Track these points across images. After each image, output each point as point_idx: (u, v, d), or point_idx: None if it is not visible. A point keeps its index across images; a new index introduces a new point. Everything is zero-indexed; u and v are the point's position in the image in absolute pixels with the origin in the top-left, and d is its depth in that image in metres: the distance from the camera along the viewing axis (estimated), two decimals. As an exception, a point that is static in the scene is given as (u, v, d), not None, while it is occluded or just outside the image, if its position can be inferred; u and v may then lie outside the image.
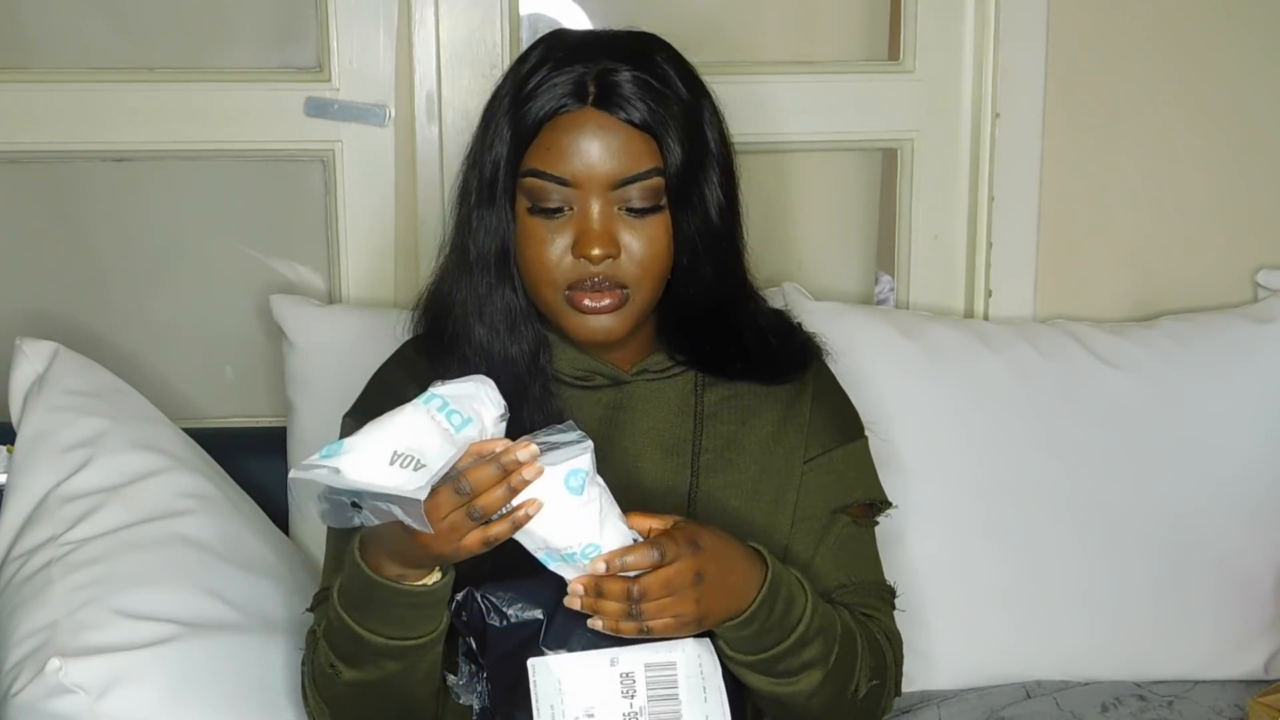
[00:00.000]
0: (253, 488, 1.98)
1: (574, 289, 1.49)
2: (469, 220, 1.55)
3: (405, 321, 1.64)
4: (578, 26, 2.27)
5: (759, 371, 1.61)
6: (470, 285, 1.55)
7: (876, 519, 1.66)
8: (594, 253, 1.47)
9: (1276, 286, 2.24)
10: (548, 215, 1.49)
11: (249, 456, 2.06)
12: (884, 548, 1.67)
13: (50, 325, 2.19)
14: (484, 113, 1.55)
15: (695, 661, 1.43)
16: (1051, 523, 2.05)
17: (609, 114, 1.47)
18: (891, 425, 1.91)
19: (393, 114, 2.20)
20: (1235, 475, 2.08)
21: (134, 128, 2.18)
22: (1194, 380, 2.10)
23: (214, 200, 2.28)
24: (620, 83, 1.47)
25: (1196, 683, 2.05)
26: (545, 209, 1.49)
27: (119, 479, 1.77)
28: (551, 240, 1.49)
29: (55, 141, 2.20)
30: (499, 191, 1.51)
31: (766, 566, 1.44)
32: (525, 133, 1.49)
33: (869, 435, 1.68)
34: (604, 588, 1.35)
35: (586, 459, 1.33)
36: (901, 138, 2.30)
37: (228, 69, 2.23)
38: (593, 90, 1.47)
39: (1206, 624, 2.06)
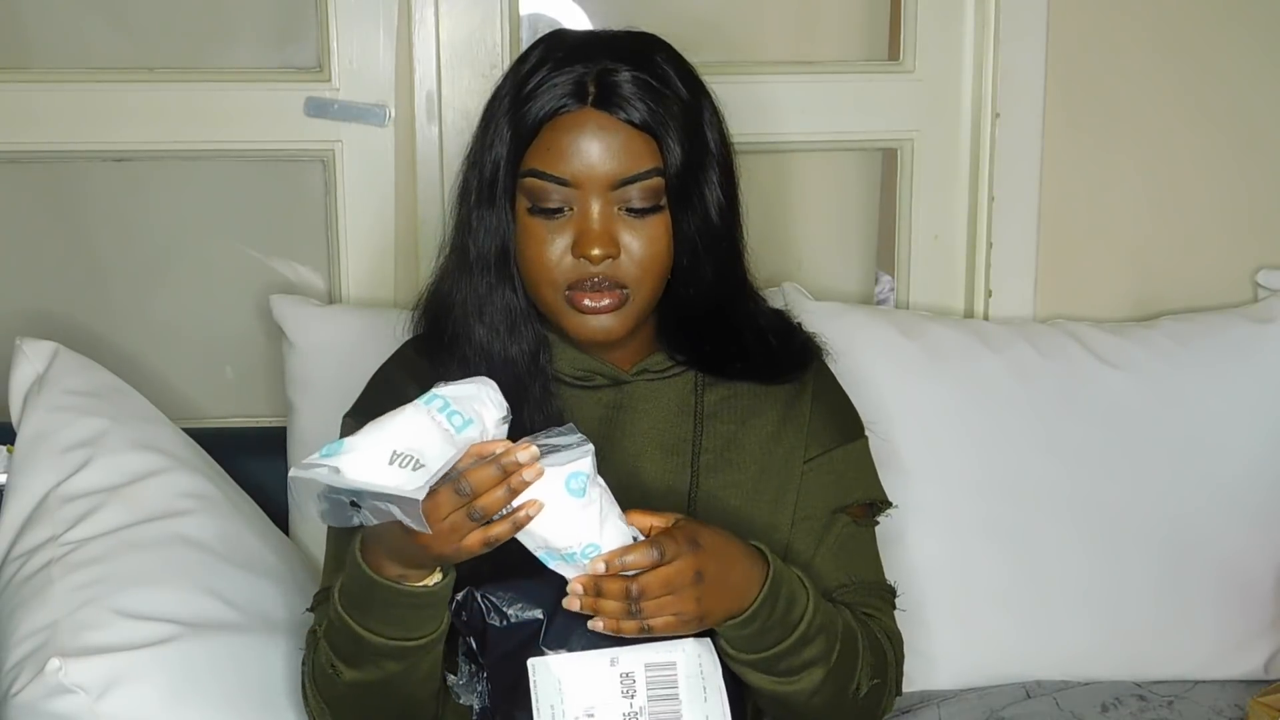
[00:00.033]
0: (253, 488, 1.98)
1: (574, 289, 1.49)
2: (469, 220, 1.55)
3: (405, 321, 1.64)
4: (578, 26, 2.26)
5: (759, 371, 1.61)
6: (470, 285, 1.55)
7: (877, 519, 1.66)
8: (594, 253, 1.47)
9: (1276, 286, 2.24)
10: (548, 215, 1.49)
11: (249, 456, 2.06)
12: (884, 548, 1.67)
13: (50, 325, 2.19)
14: (484, 113, 1.55)
15: (695, 661, 1.43)
16: (1051, 523, 2.05)
17: (609, 114, 1.47)
18: (891, 425, 1.91)
19: (393, 114, 2.20)
20: (1235, 475, 2.08)
21: (134, 128, 2.18)
22: (1194, 380, 2.10)
23: (214, 200, 2.28)
24: (620, 83, 1.47)
25: (1196, 683, 2.05)
26: (545, 209, 1.49)
27: (119, 479, 1.77)
28: (551, 240, 1.49)
29: (55, 141, 2.20)
30: (499, 191, 1.51)
31: (768, 565, 1.44)
32: (525, 133, 1.49)
33: (869, 435, 1.68)
34: (603, 587, 1.35)
35: (587, 462, 1.33)
36: (901, 138, 2.30)
37: (228, 69, 2.23)
38: (593, 90, 1.47)
39: (1206, 624, 2.06)
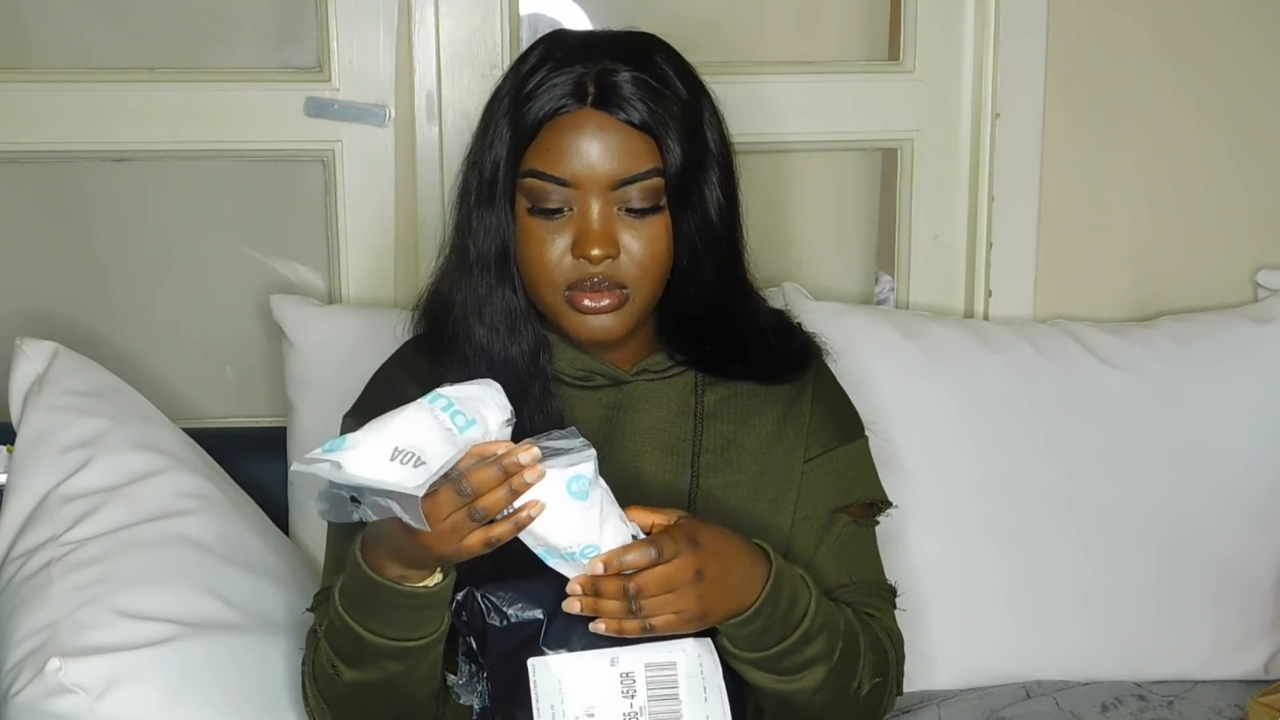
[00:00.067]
0: (253, 488, 1.98)
1: (574, 289, 1.49)
2: (469, 220, 1.54)
3: (405, 322, 1.64)
4: (578, 26, 2.26)
5: (759, 371, 1.61)
6: (470, 286, 1.55)
7: (877, 519, 1.66)
8: (594, 253, 1.47)
9: (1276, 286, 2.24)
10: (547, 216, 1.49)
11: (249, 456, 2.06)
12: (884, 548, 1.67)
13: (50, 325, 2.19)
14: (484, 113, 1.55)
15: (695, 661, 1.43)
16: (1051, 523, 2.05)
17: (608, 114, 1.47)
18: (891, 425, 1.91)
19: (393, 114, 2.20)
20: (1235, 475, 2.08)
21: (134, 128, 2.18)
22: (1194, 380, 2.10)
23: (214, 200, 2.28)
24: (620, 83, 1.47)
25: (1196, 683, 2.05)
26: (545, 209, 1.49)
27: (119, 479, 1.77)
28: (551, 241, 1.49)
29: (55, 141, 2.20)
30: (499, 192, 1.51)
31: (770, 563, 1.44)
32: (525, 133, 1.49)
33: (869, 435, 1.68)
34: (601, 587, 1.34)
35: (589, 466, 1.33)
36: (901, 138, 2.30)
37: (228, 69, 2.23)
38: (592, 90, 1.47)
39: (1206, 624, 2.06)
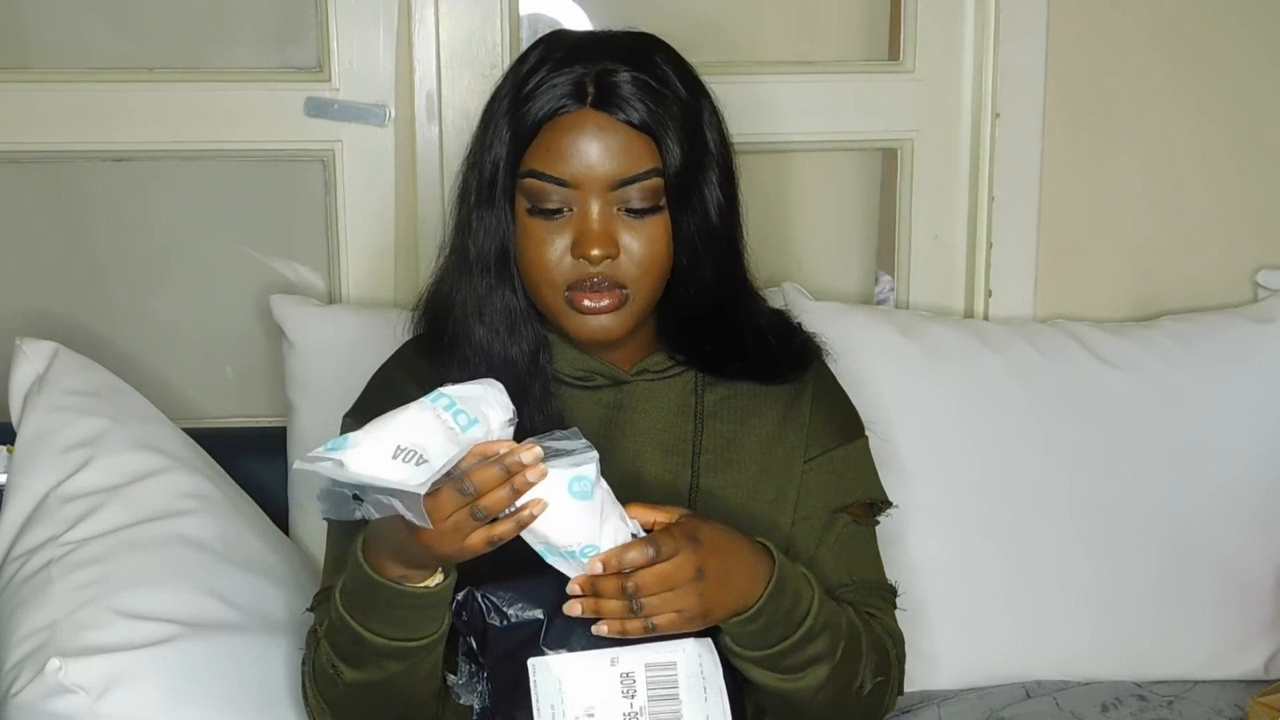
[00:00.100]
0: (253, 488, 1.98)
1: (574, 289, 1.49)
2: (469, 221, 1.55)
3: (405, 322, 1.64)
4: (578, 26, 2.26)
5: (759, 371, 1.61)
6: (470, 286, 1.55)
7: (877, 519, 1.66)
8: (593, 253, 1.47)
9: (1276, 286, 2.24)
10: (547, 216, 1.49)
11: (249, 456, 2.06)
12: (884, 547, 1.67)
13: (50, 325, 2.19)
14: (483, 113, 1.55)
15: (696, 661, 1.43)
16: (1051, 523, 2.05)
17: (608, 115, 1.47)
18: (891, 425, 1.91)
19: (393, 114, 2.20)
20: (1235, 475, 2.08)
21: (134, 128, 2.18)
22: (1194, 380, 2.10)
23: (214, 200, 2.28)
24: (619, 83, 1.47)
25: (1196, 683, 2.05)
26: (545, 210, 1.49)
27: (119, 479, 1.77)
28: (551, 241, 1.49)
29: (55, 141, 2.19)
30: (498, 192, 1.51)
31: (772, 561, 1.44)
32: (524, 133, 1.49)
33: (869, 435, 1.68)
34: (600, 586, 1.34)
35: (591, 468, 1.33)
36: (901, 138, 2.30)
37: (228, 69, 2.23)
38: (592, 91, 1.47)
39: (1206, 624, 2.06)
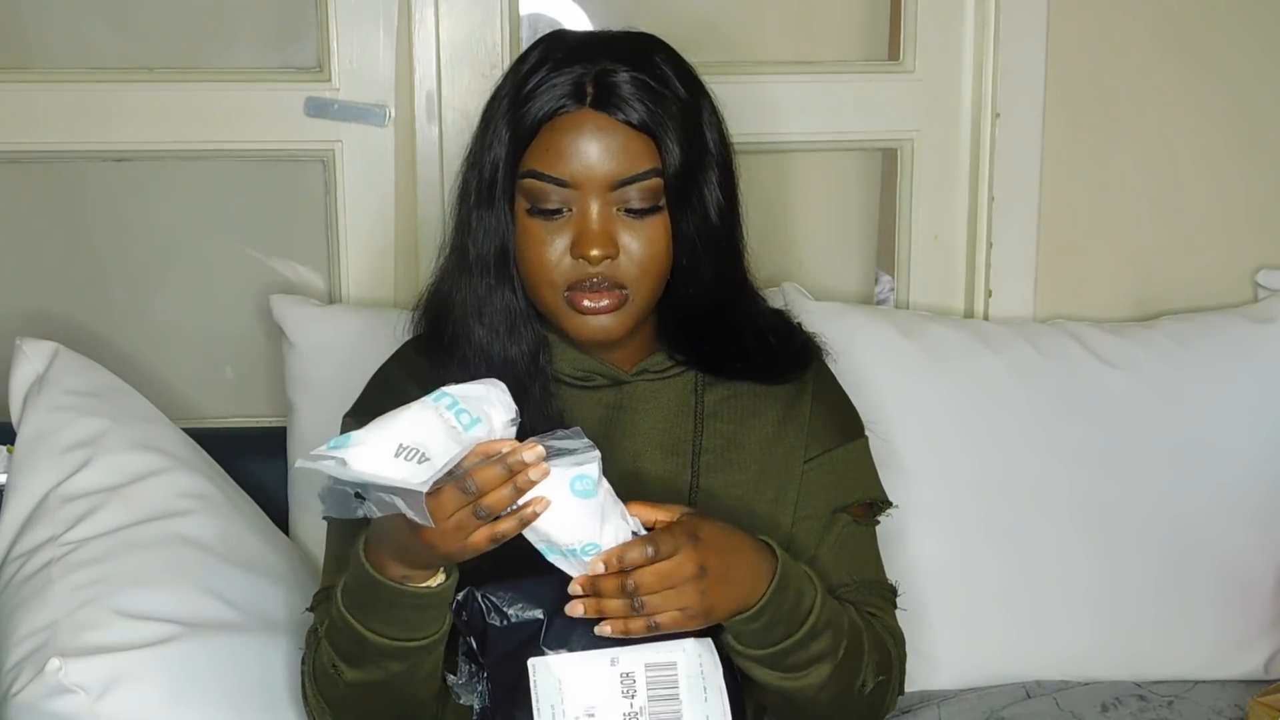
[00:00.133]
0: (253, 488, 1.98)
1: (573, 290, 1.49)
2: (468, 221, 1.55)
3: (406, 321, 1.64)
4: (578, 26, 2.26)
5: (759, 371, 1.61)
6: (470, 286, 1.55)
7: (877, 519, 1.66)
8: (593, 253, 1.47)
9: (1276, 286, 2.24)
10: (547, 216, 1.49)
11: (249, 456, 2.06)
12: (885, 547, 1.67)
13: (50, 325, 2.19)
14: (483, 113, 1.55)
15: (696, 661, 1.43)
16: (1051, 523, 2.05)
17: (607, 115, 1.47)
18: (891, 425, 1.91)
19: (393, 114, 2.20)
20: (1235, 475, 2.08)
21: (134, 128, 2.18)
22: (1194, 380, 2.10)
23: (214, 200, 2.28)
24: (619, 83, 1.47)
25: (1196, 683, 2.05)
26: (544, 210, 1.49)
27: (119, 479, 1.77)
28: (551, 241, 1.49)
29: (55, 141, 2.19)
30: (498, 193, 1.51)
31: (775, 559, 1.44)
32: (524, 134, 1.49)
33: (869, 435, 1.68)
34: (601, 586, 1.35)
35: (594, 467, 1.33)
36: (901, 138, 2.30)
37: (228, 69, 2.23)
38: (591, 91, 1.47)
39: (1206, 624, 2.06)
